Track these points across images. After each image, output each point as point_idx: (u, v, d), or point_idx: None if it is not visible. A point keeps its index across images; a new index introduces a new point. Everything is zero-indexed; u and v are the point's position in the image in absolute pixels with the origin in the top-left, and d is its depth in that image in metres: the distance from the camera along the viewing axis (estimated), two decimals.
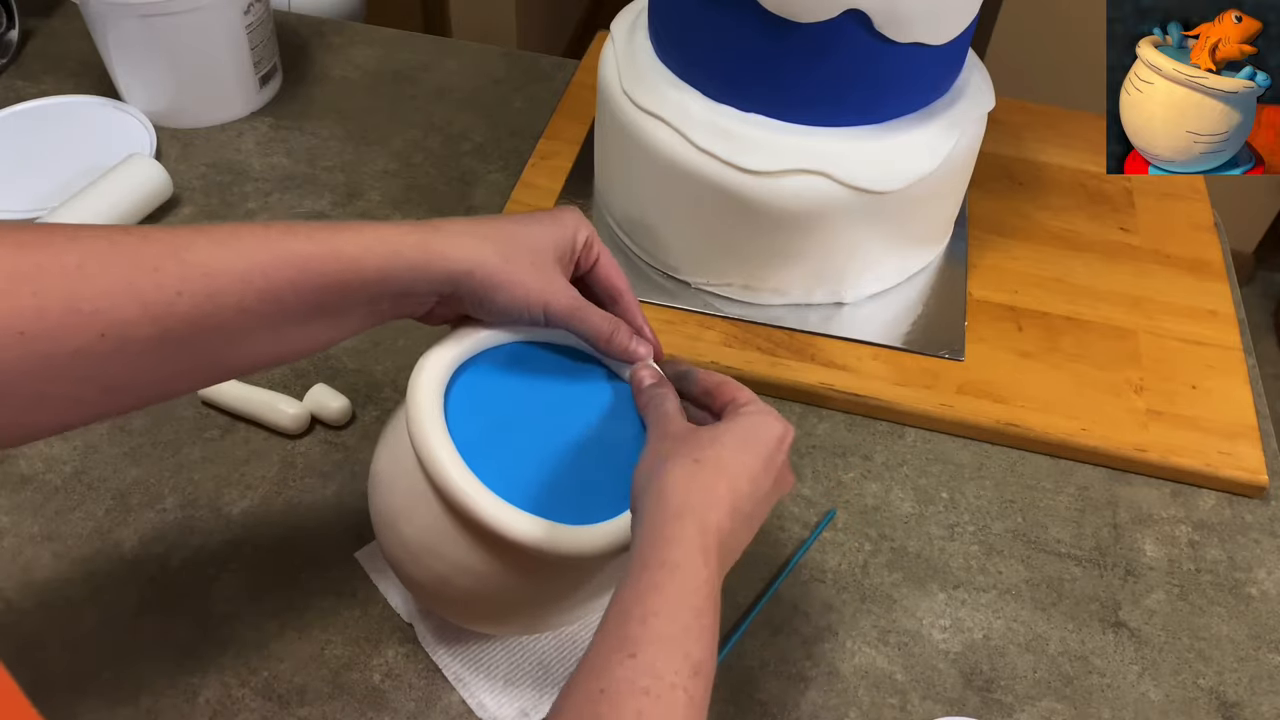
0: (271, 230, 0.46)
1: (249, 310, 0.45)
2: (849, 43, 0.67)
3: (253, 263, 0.45)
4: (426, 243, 0.48)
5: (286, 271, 0.45)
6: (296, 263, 0.46)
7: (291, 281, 0.46)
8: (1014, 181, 0.93)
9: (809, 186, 0.71)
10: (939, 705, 0.61)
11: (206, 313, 0.44)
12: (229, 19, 0.90)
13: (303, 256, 0.46)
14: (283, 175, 0.92)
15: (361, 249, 0.47)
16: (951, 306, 0.81)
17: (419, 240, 0.48)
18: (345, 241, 0.47)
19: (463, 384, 0.53)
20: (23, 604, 0.62)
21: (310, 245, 0.46)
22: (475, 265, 0.49)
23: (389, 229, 0.48)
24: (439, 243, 0.49)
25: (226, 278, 0.44)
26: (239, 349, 0.47)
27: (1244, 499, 0.73)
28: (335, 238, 0.47)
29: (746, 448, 0.47)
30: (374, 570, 0.64)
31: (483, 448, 0.51)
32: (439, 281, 0.49)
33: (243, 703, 0.59)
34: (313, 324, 0.48)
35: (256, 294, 0.45)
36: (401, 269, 0.48)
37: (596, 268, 0.56)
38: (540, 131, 0.94)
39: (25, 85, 0.99)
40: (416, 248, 0.48)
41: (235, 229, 0.46)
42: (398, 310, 0.51)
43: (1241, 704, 0.62)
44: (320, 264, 0.46)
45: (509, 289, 0.50)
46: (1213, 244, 0.89)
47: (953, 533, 0.69)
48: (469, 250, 0.49)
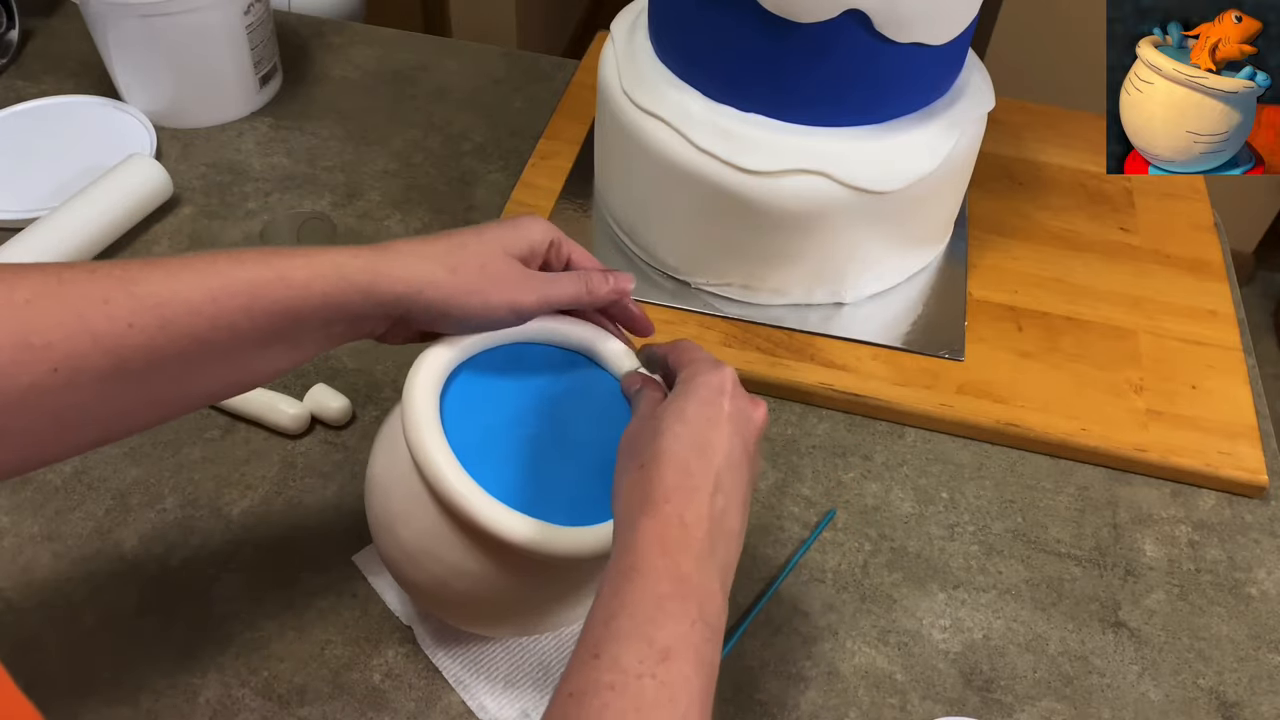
0: (219, 259, 0.46)
1: (202, 339, 0.45)
2: (849, 43, 0.67)
3: (203, 291, 0.45)
4: (372, 266, 0.48)
5: (238, 299, 0.45)
6: (247, 290, 0.46)
7: (244, 308, 0.46)
8: (1014, 181, 0.93)
9: (809, 186, 0.71)
10: (939, 705, 0.61)
11: (160, 343, 0.44)
12: (229, 19, 0.90)
13: (252, 283, 0.46)
14: (283, 175, 0.92)
15: (310, 274, 0.47)
16: (951, 306, 0.81)
17: (365, 264, 0.48)
18: (294, 267, 0.47)
19: (459, 386, 0.53)
20: (23, 604, 0.62)
21: (259, 271, 0.46)
22: (422, 284, 0.49)
23: (338, 253, 0.48)
24: (384, 265, 0.49)
25: (177, 307, 0.44)
26: (195, 378, 0.47)
27: (1244, 499, 0.73)
28: (284, 263, 0.47)
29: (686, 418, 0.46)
30: (372, 573, 0.64)
31: (479, 450, 0.51)
32: (387, 304, 0.49)
33: (243, 703, 0.59)
34: (268, 350, 0.48)
35: (208, 322, 0.45)
36: (350, 292, 0.48)
37: (570, 265, 0.56)
38: (540, 131, 0.94)
39: (25, 85, 0.99)
40: (362, 271, 0.48)
41: (185, 260, 0.46)
42: (354, 333, 0.50)
43: (1241, 704, 0.62)
44: (270, 290, 0.46)
45: (461, 300, 0.50)
46: (1213, 244, 0.89)
47: (953, 533, 0.69)
48: (414, 269, 0.49)
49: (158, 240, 0.85)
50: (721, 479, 0.45)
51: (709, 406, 0.46)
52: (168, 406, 0.48)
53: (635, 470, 0.45)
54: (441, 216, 0.89)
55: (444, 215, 0.89)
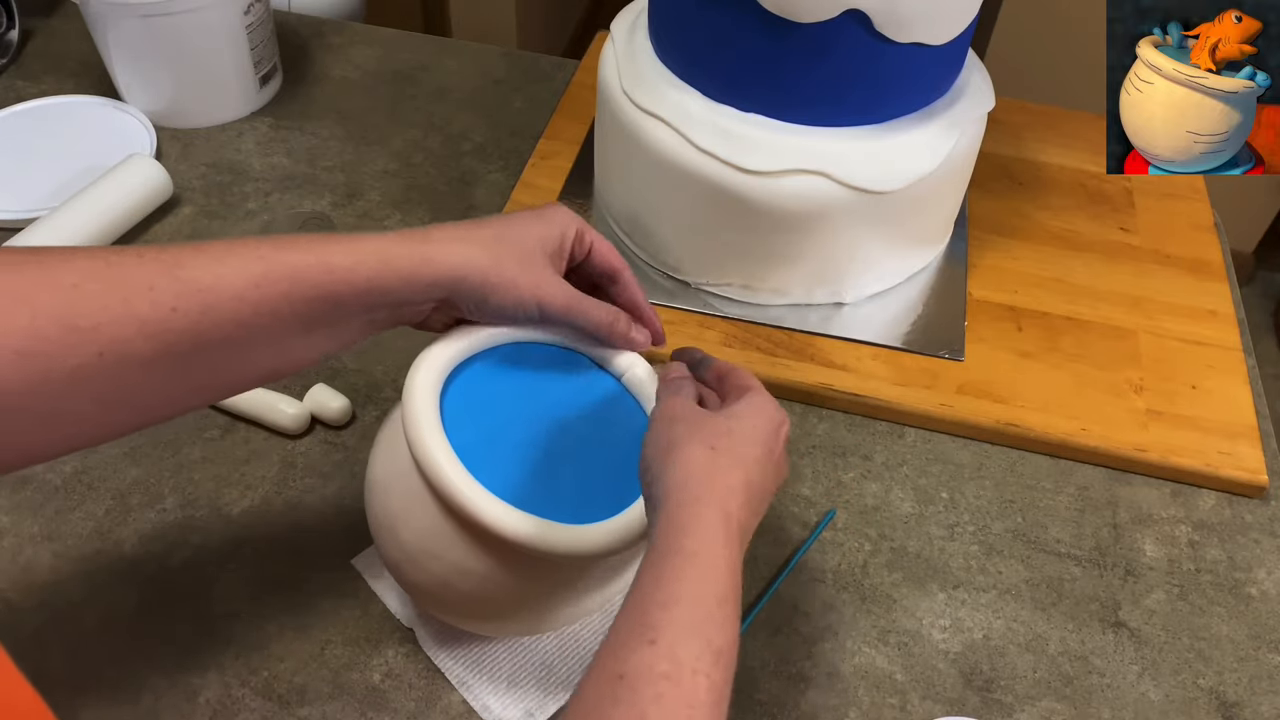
0: (264, 244, 0.47)
1: (245, 324, 0.45)
2: (849, 43, 0.67)
3: (246, 277, 0.45)
4: (416, 251, 0.49)
5: (280, 285, 0.46)
6: (289, 275, 0.46)
7: (285, 294, 0.46)
8: (1014, 181, 0.93)
9: (809, 186, 0.71)
10: (939, 705, 0.61)
11: (203, 328, 0.44)
12: (229, 19, 0.90)
13: (296, 269, 0.46)
14: (283, 175, 0.92)
15: (354, 260, 0.47)
16: (951, 306, 0.81)
17: (409, 249, 0.49)
18: (337, 253, 0.47)
19: (458, 385, 0.53)
20: (23, 604, 0.62)
21: (302, 257, 0.47)
22: (467, 270, 0.50)
23: (380, 240, 0.49)
24: (428, 250, 0.49)
25: (221, 293, 0.45)
26: (239, 363, 0.47)
27: (1244, 499, 0.73)
28: (327, 249, 0.47)
29: (755, 438, 0.47)
30: (372, 576, 0.64)
31: (480, 449, 0.51)
32: (432, 288, 0.50)
33: (243, 703, 0.59)
34: (310, 335, 0.48)
35: (251, 308, 0.45)
36: (393, 279, 0.48)
37: (592, 254, 0.56)
38: (540, 131, 0.94)
39: (25, 85, 0.99)
40: (406, 257, 0.49)
41: (230, 245, 0.46)
42: (396, 319, 0.51)
43: (1241, 704, 0.62)
44: (313, 276, 0.47)
45: (501, 290, 0.51)
46: (1213, 244, 0.89)
47: (953, 533, 0.69)
48: (458, 256, 0.50)
49: (158, 240, 0.85)
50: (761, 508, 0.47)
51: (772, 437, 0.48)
52: (211, 390, 0.49)
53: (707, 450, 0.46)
54: (441, 216, 0.89)
55: (444, 215, 0.89)
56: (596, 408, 0.56)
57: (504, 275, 0.51)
